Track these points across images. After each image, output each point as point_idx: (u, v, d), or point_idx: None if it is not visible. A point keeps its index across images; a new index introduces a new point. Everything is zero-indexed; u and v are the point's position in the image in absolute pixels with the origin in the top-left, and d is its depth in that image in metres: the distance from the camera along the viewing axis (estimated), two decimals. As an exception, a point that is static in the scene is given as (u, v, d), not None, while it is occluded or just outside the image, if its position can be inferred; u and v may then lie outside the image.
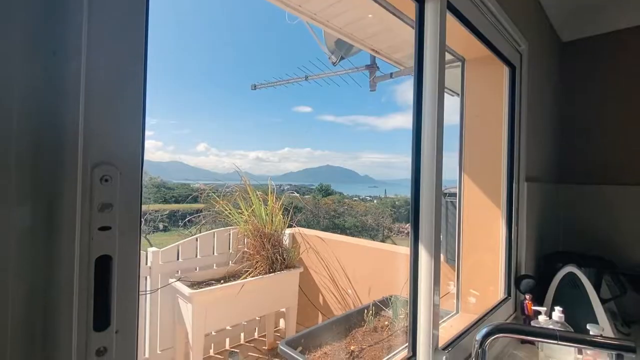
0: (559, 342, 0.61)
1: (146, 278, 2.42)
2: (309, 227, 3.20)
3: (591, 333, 1.02)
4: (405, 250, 2.80)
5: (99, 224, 0.35)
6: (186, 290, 2.19)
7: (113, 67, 0.35)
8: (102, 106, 0.35)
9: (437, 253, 0.82)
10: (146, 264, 2.42)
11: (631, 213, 1.79)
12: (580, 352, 1.06)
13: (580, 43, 1.97)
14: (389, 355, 0.97)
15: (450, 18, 0.96)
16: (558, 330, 0.63)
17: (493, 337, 0.69)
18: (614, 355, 0.62)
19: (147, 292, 2.38)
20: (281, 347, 1.54)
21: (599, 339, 0.62)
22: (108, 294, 0.35)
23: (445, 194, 1.99)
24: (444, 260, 2.00)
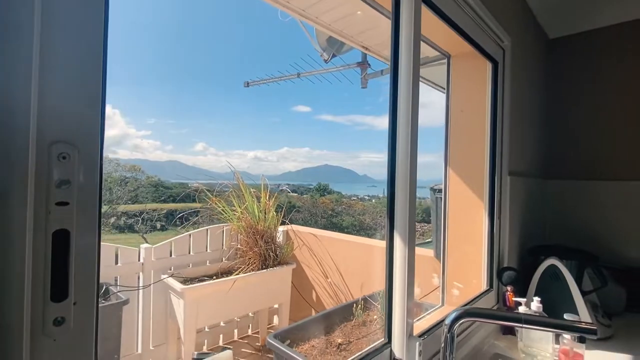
0: (524, 325, 0.63)
1: (138, 274, 2.44)
2: (306, 226, 3.22)
3: (568, 322, 1.04)
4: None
5: (56, 199, 0.36)
6: (178, 286, 2.20)
7: (70, 46, 0.37)
8: (57, 86, 0.36)
9: (412, 243, 0.83)
10: (139, 260, 2.44)
11: (616, 208, 1.82)
12: (557, 341, 1.08)
13: (567, 40, 1.99)
14: (371, 345, 0.99)
15: (430, 13, 0.97)
16: (523, 314, 0.65)
17: (461, 321, 0.70)
18: (576, 337, 0.64)
19: (140, 288, 2.39)
20: (269, 340, 1.56)
21: (561, 322, 0.64)
22: (66, 266, 0.37)
23: (435, 190, 2.01)
24: (434, 255, 2.02)
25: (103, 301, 2.00)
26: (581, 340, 0.63)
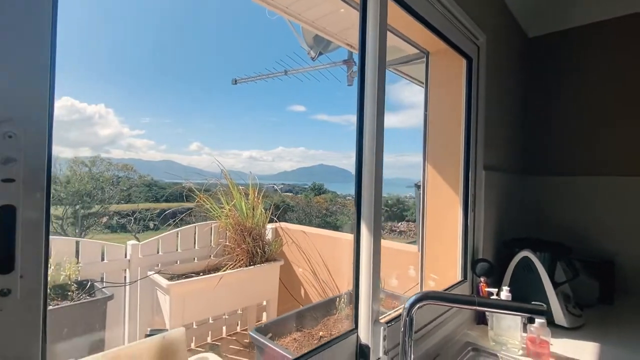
0: (477, 308, 0.65)
1: (125, 271, 2.44)
2: (300, 225, 3.25)
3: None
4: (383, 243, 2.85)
5: (1, 177, 0.38)
6: (164, 282, 2.21)
7: (15, 25, 0.38)
8: (2, 66, 0.38)
9: (377, 234, 0.86)
10: (125, 257, 2.45)
11: (591, 203, 1.86)
12: (525, 330, 1.11)
13: (546, 38, 2.03)
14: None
15: (399, 9, 1.00)
16: (477, 296, 0.67)
17: (419, 304, 0.73)
18: (526, 318, 0.67)
19: (126, 284, 2.40)
20: (251, 333, 1.57)
21: (512, 303, 0.66)
22: (13, 241, 0.39)
23: (419, 186, 2.04)
24: (418, 250, 2.05)
25: (87, 297, 2.01)
26: (530, 320, 0.66)
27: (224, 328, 2.90)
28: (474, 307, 0.66)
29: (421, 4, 1.00)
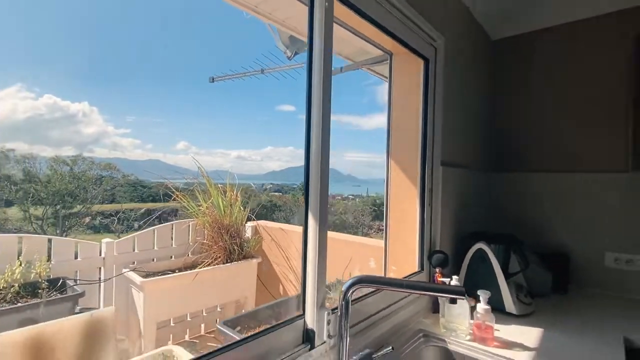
0: (405, 290, 0.70)
1: (100, 269, 2.44)
2: (288, 224, 3.28)
3: (481, 297, 1.14)
4: (355, 239, 2.91)
5: None
6: (138, 279, 2.22)
7: None
8: None
9: (323, 223, 0.90)
10: (100, 254, 2.44)
11: (549, 198, 1.95)
12: (472, 316, 1.17)
13: (509, 41, 2.12)
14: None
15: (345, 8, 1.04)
16: (404, 280, 0.72)
17: (355, 287, 0.78)
18: (448, 299, 0.72)
19: (100, 282, 2.39)
20: (218, 327, 1.60)
21: (435, 285, 0.72)
22: None
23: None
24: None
25: (58, 294, 2.00)
26: (452, 301, 0.72)
27: (202, 325, 2.91)
28: (402, 290, 0.71)
29: (368, 3, 1.05)
